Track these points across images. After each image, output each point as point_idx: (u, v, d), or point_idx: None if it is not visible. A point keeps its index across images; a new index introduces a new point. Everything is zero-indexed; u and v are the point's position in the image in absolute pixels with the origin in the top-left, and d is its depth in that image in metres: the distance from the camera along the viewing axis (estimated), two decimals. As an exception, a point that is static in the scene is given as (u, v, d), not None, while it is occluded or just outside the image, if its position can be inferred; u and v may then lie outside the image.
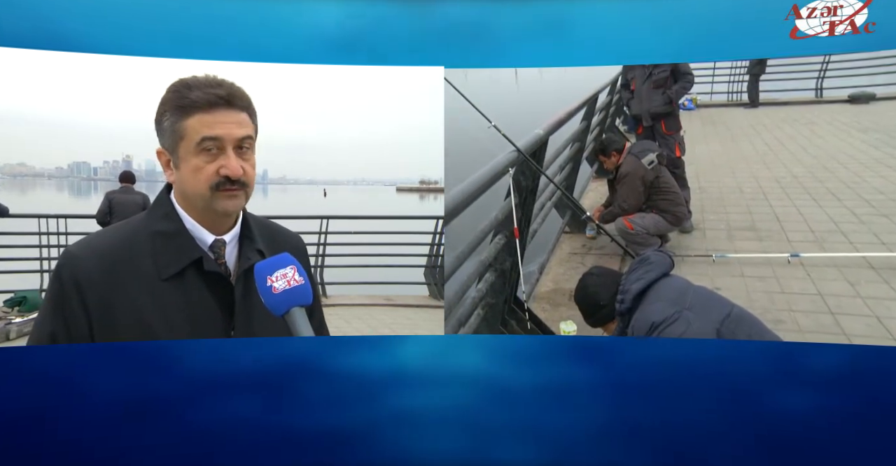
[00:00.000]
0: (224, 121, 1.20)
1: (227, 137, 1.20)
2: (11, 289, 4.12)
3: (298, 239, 1.47)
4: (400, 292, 4.88)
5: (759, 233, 3.34)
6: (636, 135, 3.78)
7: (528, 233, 3.29)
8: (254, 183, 1.26)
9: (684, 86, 3.58)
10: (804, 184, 3.47)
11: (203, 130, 1.19)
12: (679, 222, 3.46)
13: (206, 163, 1.20)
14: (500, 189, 2.97)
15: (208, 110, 1.19)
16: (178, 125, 1.20)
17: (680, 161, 3.62)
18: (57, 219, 4.62)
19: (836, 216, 3.19)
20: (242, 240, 1.30)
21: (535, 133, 3.27)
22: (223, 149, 1.20)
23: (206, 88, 1.20)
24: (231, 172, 1.19)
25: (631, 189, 3.42)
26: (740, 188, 3.66)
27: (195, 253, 1.24)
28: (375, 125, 3.33)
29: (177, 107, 1.20)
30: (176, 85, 1.23)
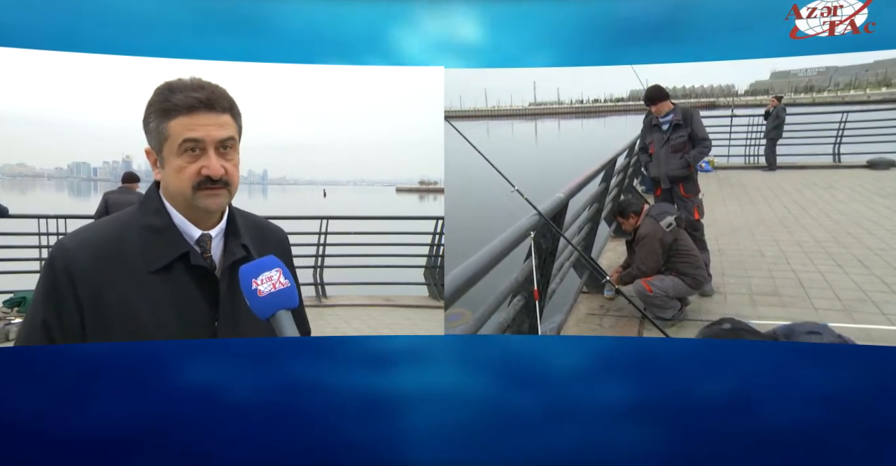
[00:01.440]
0: (204, 123, 1.24)
1: (208, 139, 1.24)
2: (11, 290, 4.13)
3: (282, 233, 1.52)
4: (400, 292, 4.89)
5: (782, 300, 3.23)
6: (654, 196, 3.77)
7: (546, 293, 3.27)
8: (237, 181, 1.30)
9: (702, 151, 3.58)
10: (828, 250, 3.40)
11: (184, 133, 1.23)
12: (699, 285, 3.41)
13: (188, 163, 1.24)
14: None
15: (189, 113, 1.23)
16: (161, 127, 1.25)
17: (699, 223, 3.60)
18: (56, 219, 4.62)
19: (864, 284, 3.08)
20: (227, 235, 1.34)
21: (557, 196, 3.26)
22: (205, 149, 1.24)
23: (187, 92, 1.24)
24: (212, 172, 1.23)
25: (649, 251, 3.39)
26: (761, 251, 3.61)
27: (183, 247, 1.28)
28: (375, 125, 3.34)
29: (160, 110, 1.25)
30: (161, 88, 1.28)
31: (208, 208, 1.27)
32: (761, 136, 3.75)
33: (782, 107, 3.73)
